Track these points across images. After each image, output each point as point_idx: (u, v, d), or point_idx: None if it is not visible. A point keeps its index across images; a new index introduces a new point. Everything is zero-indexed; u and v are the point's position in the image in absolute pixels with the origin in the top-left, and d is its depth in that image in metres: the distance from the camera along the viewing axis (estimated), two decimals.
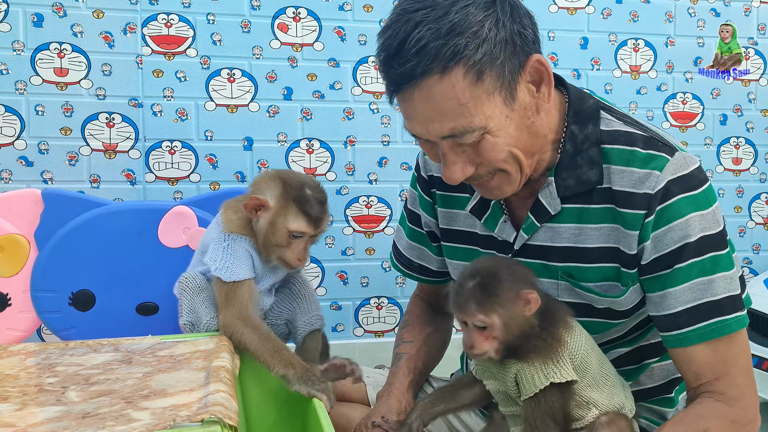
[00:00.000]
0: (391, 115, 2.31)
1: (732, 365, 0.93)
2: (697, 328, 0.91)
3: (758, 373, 2.02)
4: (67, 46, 2.06)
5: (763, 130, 2.60)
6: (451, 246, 1.13)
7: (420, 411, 1.02)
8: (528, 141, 0.92)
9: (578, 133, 0.97)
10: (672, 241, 0.91)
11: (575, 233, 0.97)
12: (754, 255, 2.60)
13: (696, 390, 0.94)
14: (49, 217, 1.65)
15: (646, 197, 0.91)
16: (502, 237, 1.03)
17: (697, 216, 0.91)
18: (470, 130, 0.86)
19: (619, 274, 0.96)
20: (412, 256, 1.21)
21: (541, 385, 0.89)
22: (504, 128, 0.87)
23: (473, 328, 0.90)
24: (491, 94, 0.85)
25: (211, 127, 2.18)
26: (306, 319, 1.14)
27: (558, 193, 0.97)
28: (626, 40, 2.47)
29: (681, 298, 0.91)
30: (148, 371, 0.82)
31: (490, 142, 0.88)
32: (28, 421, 0.66)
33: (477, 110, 0.85)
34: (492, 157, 0.89)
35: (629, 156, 0.94)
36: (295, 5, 2.22)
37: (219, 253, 1.03)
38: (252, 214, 1.02)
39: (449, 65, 0.83)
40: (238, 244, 1.04)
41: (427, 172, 1.15)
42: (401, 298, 2.35)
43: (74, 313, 1.67)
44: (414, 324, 1.23)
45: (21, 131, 2.05)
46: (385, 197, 2.33)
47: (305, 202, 1.01)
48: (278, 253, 1.02)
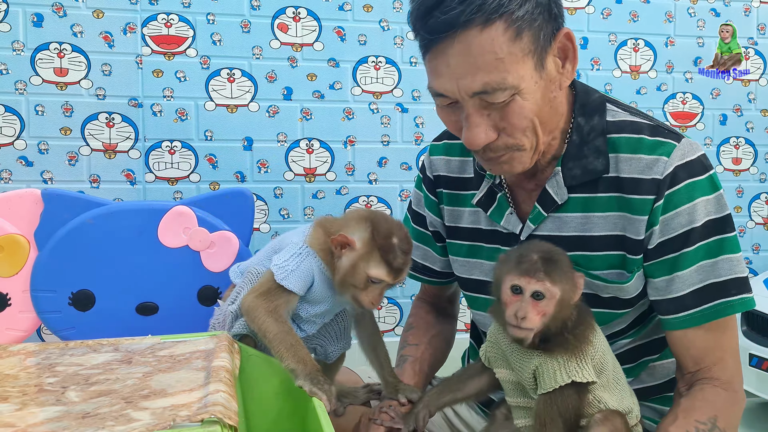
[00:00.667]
0: (391, 115, 2.31)
1: (726, 350, 0.96)
2: (703, 309, 0.93)
3: (758, 373, 2.02)
4: (67, 46, 2.06)
5: (763, 130, 2.60)
6: (456, 243, 1.14)
7: (427, 401, 1.02)
8: (548, 115, 0.93)
9: (584, 124, 0.99)
10: (679, 225, 0.93)
11: (581, 222, 0.99)
12: (754, 255, 2.60)
13: (694, 375, 0.97)
14: (49, 217, 1.65)
15: (654, 182, 0.93)
16: (508, 228, 1.04)
17: (703, 201, 0.93)
18: (503, 86, 0.86)
19: (624, 261, 0.97)
20: (416, 256, 1.22)
21: (562, 381, 0.88)
22: (532, 93, 0.88)
23: (529, 300, 0.88)
24: (526, 55, 0.86)
25: (211, 127, 2.18)
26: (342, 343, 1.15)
27: (564, 182, 0.98)
28: (626, 40, 2.47)
29: (688, 281, 0.94)
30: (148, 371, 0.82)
31: (519, 104, 0.88)
32: (27, 421, 0.66)
33: (511, 68, 0.85)
34: (516, 122, 0.89)
35: (636, 143, 0.96)
36: (295, 5, 2.22)
37: (288, 255, 1.04)
38: (336, 250, 1.02)
39: (492, 18, 0.83)
40: (309, 260, 1.04)
41: (433, 173, 1.16)
42: (401, 298, 2.35)
43: (74, 313, 1.67)
44: (419, 327, 1.24)
45: (21, 131, 2.05)
46: (385, 197, 2.33)
47: (390, 251, 1.00)
48: (353, 293, 1.02)
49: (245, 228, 1.75)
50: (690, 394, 0.96)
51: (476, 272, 1.11)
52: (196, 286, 1.72)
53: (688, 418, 0.92)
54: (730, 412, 0.94)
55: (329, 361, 1.14)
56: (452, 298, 1.32)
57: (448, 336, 1.26)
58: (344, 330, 1.14)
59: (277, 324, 0.99)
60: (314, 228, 1.07)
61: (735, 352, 0.98)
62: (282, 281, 1.01)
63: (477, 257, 1.10)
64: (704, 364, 0.96)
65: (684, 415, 0.92)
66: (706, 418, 0.92)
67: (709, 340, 0.95)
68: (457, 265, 1.14)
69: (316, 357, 1.15)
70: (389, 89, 2.30)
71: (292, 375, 0.95)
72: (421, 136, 2.30)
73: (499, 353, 0.96)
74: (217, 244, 1.70)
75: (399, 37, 2.29)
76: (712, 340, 0.95)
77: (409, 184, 2.33)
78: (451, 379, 1.05)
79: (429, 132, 2.30)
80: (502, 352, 0.95)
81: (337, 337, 1.13)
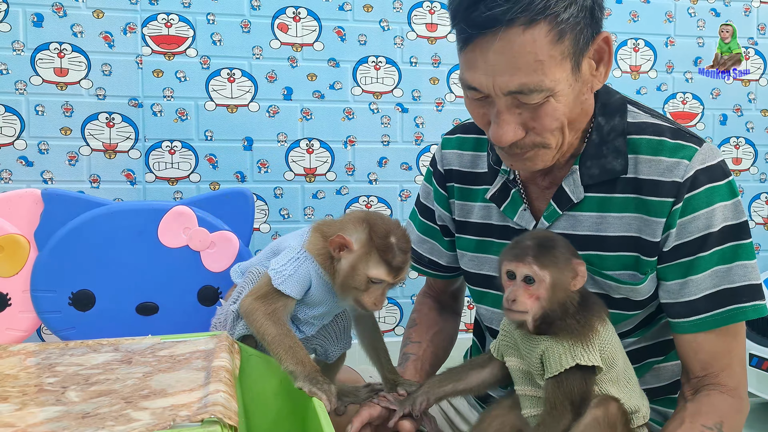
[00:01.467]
0: (391, 115, 2.31)
1: (734, 356, 0.96)
2: (715, 314, 0.93)
3: (758, 373, 2.02)
4: (67, 46, 2.06)
5: (763, 130, 2.60)
6: (465, 238, 1.13)
7: (427, 388, 1.02)
8: (578, 116, 0.93)
9: (605, 124, 0.98)
10: (696, 230, 0.93)
11: (596, 222, 0.99)
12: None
13: (701, 380, 0.96)
14: (49, 217, 1.65)
15: (674, 185, 0.93)
16: (522, 225, 1.04)
17: (721, 206, 0.93)
18: (539, 89, 0.85)
19: (638, 262, 0.97)
20: (423, 250, 1.22)
21: (567, 365, 0.88)
22: (566, 96, 0.88)
23: (520, 284, 0.89)
24: (565, 59, 0.86)
25: (211, 127, 2.18)
26: (343, 342, 1.14)
27: (582, 181, 0.98)
28: (626, 40, 2.47)
29: (702, 285, 0.94)
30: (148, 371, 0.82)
31: (552, 106, 0.87)
32: (27, 421, 0.66)
33: (549, 71, 0.85)
34: (547, 123, 0.89)
35: (657, 146, 0.96)
36: (295, 5, 2.22)
37: (286, 260, 1.04)
38: (335, 253, 1.02)
39: (536, 18, 0.83)
40: (306, 265, 1.04)
41: (444, 167, 1.16)
42: (401, 298, 2.35)
43: (74, 313, 1.67)
44: (422, 323, 1.24)
45: (21, 131, 2.05)
46: (385, 197, 2.33)
47: (388, 250, 1.00)
48: (355, 296, 1.02)
49: (245, 228, 1.75)
50: (696, 399, 0.96)
51: (486, 267, 1.10)
52: (196, 286, 1.72)
53: (695, 423, 0.91)
54: (735, 419, 0.94)
55: (330, 362, 1.14)
56: (457, 294, 1.31)
57: (450, 333, 1.26)
58: (344, 330, 1.14)
59: (276, 326, 0.99)
60: (311, 232, 1.07)
61: (742, 359, 0.98)
62: (279, 286, 1.01)
63: (487, 252, 1.10)
64: (712, 370, 0.95)
65: (691, 419, 0.92)
66: (712, 424, 0.91)
67: (718, 346, 0.94)
68: (466, 259, 1.14)
69: (316, 358, 1.15)
70: (389, 89, 2.30)
71: (292, 377, 0.95)
72: (421, 136, 2.30)
73: (511, 342, 0.97)
74: (217, 244, 1.70)
75: (399, 37, 2.29)
76: (721, 345, 0.94)
77: (409, 184, 2.33)
78: (454, 369, 1.05)
79: (429, 132, 2.30)
80: (514, 340, 0.96)
81: (337, 337, 1.13)
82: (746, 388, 0.98)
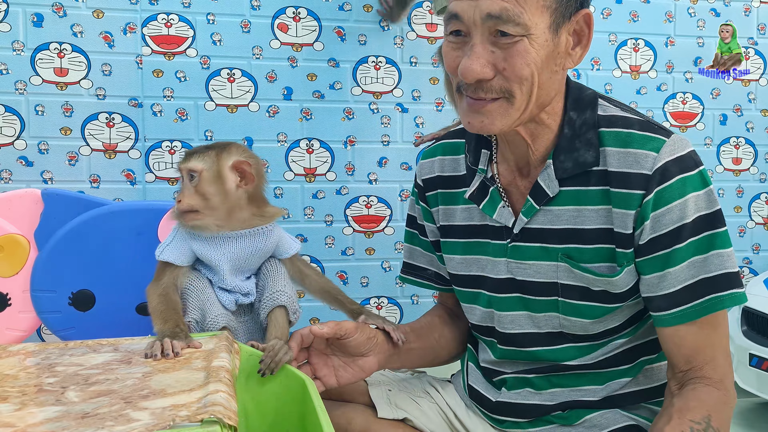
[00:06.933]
0: (391, 115, 2.31)
1: (717, 348, 0.96)
2: (695, 304, 0.93)
3: (758, 373, 2.02)
4: (67, 46, 2.06)
5: (763, 130, 2.60)
6: (451, 242, 1.14)
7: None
8: (546, 83, 0.93)
9: (576, 118, 1.00)
10: (671, 222, 0.93)
11: (573, 215, 0.99)
12: (754, 255, 2.60)
13: (686, 374, 0.96)
14: (49, 217, 1.65)
15: (643, 177, 0.93)
16: (501, 222, 1.05)
17: (694, 196, 0.93)
18: (517, 21, 0.87)
19: (614, 254, 0.98)
20: (424, 263, 1.23)
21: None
22: (540, 47, 0.90)
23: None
24: (546, 9, 0.89)
25: (211, 127, 2.18)
26: (267, 295, 1.14)
27: (556, 175, 0.99)
28: (626, 40, 2.47)
29: (680, 277, 0.94)
30: (148, 371, 0.82)
31: (525, 47, 0.89)
32: (27, 421, 0.66)
33: (529, 9, 0.88)
34: (518, 64, 0.90)
35: (626, 138, 0.96)
36: (295, 5, 2.22)
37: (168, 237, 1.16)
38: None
39: None
40: (182, 232, 1.14)
41: (423, 177, 1.17)
42: (401, 298, 2.35)
43: (74, 313, 1.66)
44: (420, 321, 1.23)
45: (21, 131, 2.05)
46: (385, 197, 2.33)
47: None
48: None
49: None
50: (682, 394, 0.96)
51: (474, 268, 1.10)
52: None
53: (683, 419, 0.91)
54: (722, 411, 0.94)
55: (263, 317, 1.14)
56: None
57: (450, 338, 1.24)
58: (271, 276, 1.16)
59: (155, 298, 1.08)
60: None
61: (726, 350, 0.98)
62: (159, 256, 1.11)
63: (473, 253, 1.10)
64: (696, 363, 0.96)
65: (678, 415, 0.92)
66: (700, 418, 0.91)
67: (700, 338, 0.95)
68: (454, 263, 1.14)
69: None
70: (389, 89, 2.30)
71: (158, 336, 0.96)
72: (421, 136, 2.30)
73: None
74: None
75: (399, 37, 2.29)
76: (703, 337, 0.95)
77: (409, 184, 2.32)
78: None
79: (429, 132, 2.30)
80: None
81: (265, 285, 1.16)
82: (732, 380, 0.98)
